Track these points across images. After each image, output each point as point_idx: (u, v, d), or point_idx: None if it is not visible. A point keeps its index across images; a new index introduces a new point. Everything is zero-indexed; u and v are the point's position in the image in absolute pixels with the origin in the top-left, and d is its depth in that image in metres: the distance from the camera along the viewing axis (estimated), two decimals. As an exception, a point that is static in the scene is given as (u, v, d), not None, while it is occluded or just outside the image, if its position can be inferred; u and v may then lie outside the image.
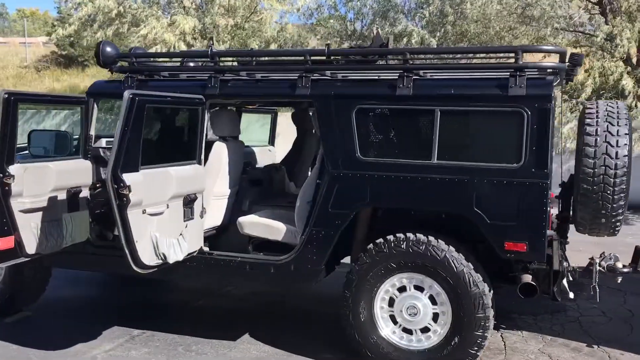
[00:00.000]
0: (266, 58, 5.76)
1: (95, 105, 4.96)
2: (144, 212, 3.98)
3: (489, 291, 4.14)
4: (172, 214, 4.26)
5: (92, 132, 4.92)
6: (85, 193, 4.71)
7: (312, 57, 4.46)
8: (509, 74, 3.98)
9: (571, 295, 4.34)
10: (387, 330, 4.35)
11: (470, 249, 4.25)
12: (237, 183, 5.16)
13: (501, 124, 4.04)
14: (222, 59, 4.88)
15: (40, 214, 4.45)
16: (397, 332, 4.35)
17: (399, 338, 4.34)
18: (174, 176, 4.22)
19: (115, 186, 3.76)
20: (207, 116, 4.65)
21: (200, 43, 14.13)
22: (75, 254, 4.89)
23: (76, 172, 4.76)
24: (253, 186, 5.39)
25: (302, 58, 4.50)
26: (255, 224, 4.74)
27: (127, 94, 3.79)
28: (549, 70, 4.14)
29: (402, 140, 4.24)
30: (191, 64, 5.18)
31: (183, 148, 4.47)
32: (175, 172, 4.24)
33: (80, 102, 4.94)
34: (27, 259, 4.42)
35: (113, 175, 3.75)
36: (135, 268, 3.99)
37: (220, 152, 4.88)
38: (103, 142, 5.09)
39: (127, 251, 3.92)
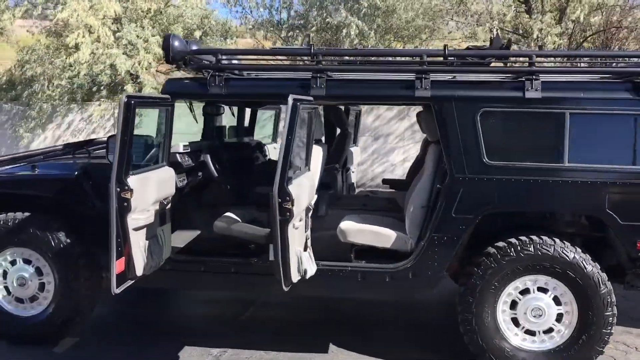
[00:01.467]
0: (373, 58, 5.48)
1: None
2: (294, 226, 3.67)
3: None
4: (302, 225, 3.95)
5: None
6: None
7: (429, 58, 4.32)
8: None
9: None
10: (510, 333, 4.35)
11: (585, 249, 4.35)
12: None
13: (633, 126, 4.15)
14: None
15: (144, 230, 3.95)
16: (519, 335, 4.36)
17: (522, 340, 4.35)
18: (308, 185, 3.92)
19: (280, 200, 3.43)
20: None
21: (126, 28, 13.22)
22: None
23: (165, 182, 4.29)
24: (323, 189, 5.16)
25: (418, 59, 4.34)
26: (361, 231, 4.52)
27: (291, 98, 3.45)
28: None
29: (530, 143, 4.24)
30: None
31: (302, 153, 4.16)
32: (308, 180, 3.94)
33: None
34: (132, 282, 3.92)
35: (280, 189, 3.41)
36: (285, 287, 3.67)
37: (318, 156, 4.61)
38: (180, 147, 4.62)
39: (281, 269, 3.59)
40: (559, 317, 4.31)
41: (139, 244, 3.88)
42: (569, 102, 4.15)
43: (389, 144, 13.17)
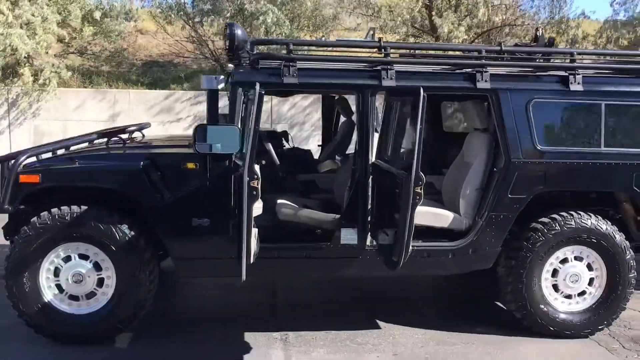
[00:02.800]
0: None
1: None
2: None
3: (631, 255, 5.00)
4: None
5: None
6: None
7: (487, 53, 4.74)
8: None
9: None
10: (552, 298, 4.93)
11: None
12: None
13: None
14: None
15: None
16: (559, 299, 4.96)
17: (561, 303, 4.96)
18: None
19: (421, 184, 3.69)
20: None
21: (25, 5, 12.26)
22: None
23: None
24: None
25: (476, 53, 4.75)
26: (422, 213, 4.85)
27: (422, 91, 3.70)
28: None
29: (573, 130, 4.83)
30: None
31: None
32: None
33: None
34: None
35: (416, 174, 3.66)
36: (398, 267, 3.97)
37: None
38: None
39: (403, 250, 3.86)
40: (591, 281, 4.97)
41: (254, 232, 3.93)
42: (605, 95, 4.79)
43: (305, 132, 13.52)
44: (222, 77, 6.17)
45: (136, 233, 4.47)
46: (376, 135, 7.45)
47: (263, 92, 3.72)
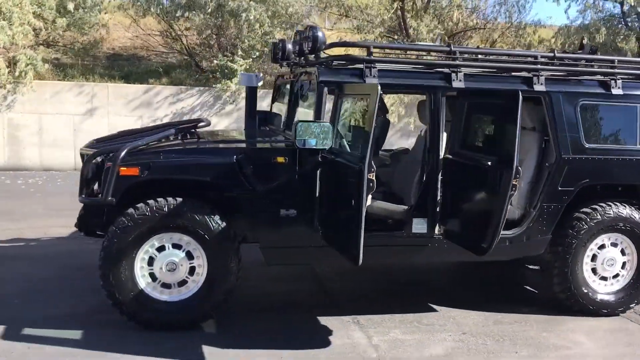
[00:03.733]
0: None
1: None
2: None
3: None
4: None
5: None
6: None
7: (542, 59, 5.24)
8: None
9: None
10: (590, 280, 5.49)
11: None
12: None
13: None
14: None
15: None
16: (596, 281, 5.52)
17: (598, 285, 5.52)
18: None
19: (518, 177, 4.13)
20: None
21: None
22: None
23: None
24: None
25: (532, 59, 5.24)
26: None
27: (517, 93, 4.14)
28: None
29: (614, 130, 5.39)
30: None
31: None
32: None
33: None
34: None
35: (516, 168, 4.10)
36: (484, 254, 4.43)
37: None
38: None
39: (496, 238, 4.29)
40: (623, 265, 5.55)
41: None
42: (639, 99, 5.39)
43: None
44: (260, 74, 6.48)
45: (227, 223, 4.70)
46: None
47: (381, 92, 4.03)
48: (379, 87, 4.02)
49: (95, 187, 4.80)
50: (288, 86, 5.93)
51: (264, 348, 4.53)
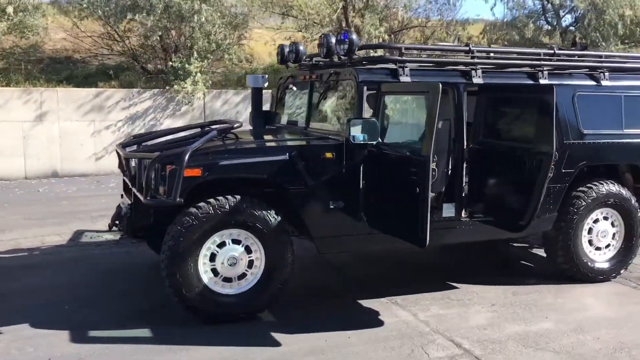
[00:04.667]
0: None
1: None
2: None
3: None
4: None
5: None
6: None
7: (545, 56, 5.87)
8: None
9: None
10: (587, 251, 6.16)
11: None
12: None
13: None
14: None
15: None
16: (592, 251, 6.20)
17: (594, 255, 6.22)
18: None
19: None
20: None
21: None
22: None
23: None
24: None
25: (537, 56, 5.85)
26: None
27: (552, 87, 4.70)
28: None
29: (605, 116, 6.10)
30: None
31: None
32: None
33: None
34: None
35: (554, 153, 4.66)
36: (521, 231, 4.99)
37: None
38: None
39: (534, 216, 4.85)
40: (614, 236, 6.29)
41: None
42: (623, 89, 6.12)
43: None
44: (266, 76, 6.81)
45: (281, 218, 4.99)
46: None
47: (440, 89, 4.46)
48: (440, 86, 4.44)
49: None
50: (301, 87, 6.28)
51: (327, 330, 4.86)
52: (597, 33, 13.74)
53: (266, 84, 6.94)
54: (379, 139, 4.92)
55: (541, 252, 6.67)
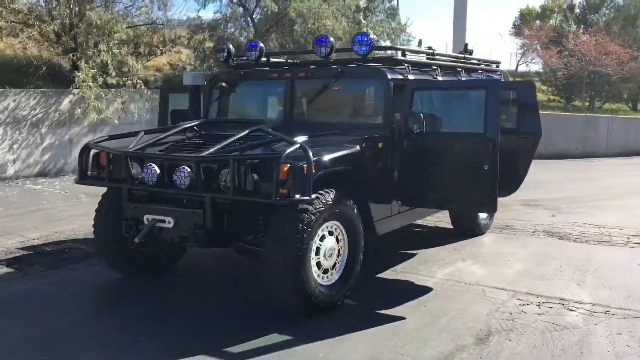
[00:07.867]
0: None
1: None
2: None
3: None
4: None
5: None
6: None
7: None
8: None
9: None
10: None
11: None
12: None
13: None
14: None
15: None
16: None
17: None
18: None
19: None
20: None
21: None
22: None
23: None
24: None
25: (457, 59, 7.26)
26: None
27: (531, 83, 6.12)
28: None
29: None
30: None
31: None
32: None
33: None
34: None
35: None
36: None
37: None
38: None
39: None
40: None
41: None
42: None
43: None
44: (203, 74, 6.98)
45: (357, 207, 5.34)
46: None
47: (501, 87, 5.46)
48: (501, 82, 5.48)
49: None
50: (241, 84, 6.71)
51: (392, 306, 5.27)
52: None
53: (205, 82, 6.80)
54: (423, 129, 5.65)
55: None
